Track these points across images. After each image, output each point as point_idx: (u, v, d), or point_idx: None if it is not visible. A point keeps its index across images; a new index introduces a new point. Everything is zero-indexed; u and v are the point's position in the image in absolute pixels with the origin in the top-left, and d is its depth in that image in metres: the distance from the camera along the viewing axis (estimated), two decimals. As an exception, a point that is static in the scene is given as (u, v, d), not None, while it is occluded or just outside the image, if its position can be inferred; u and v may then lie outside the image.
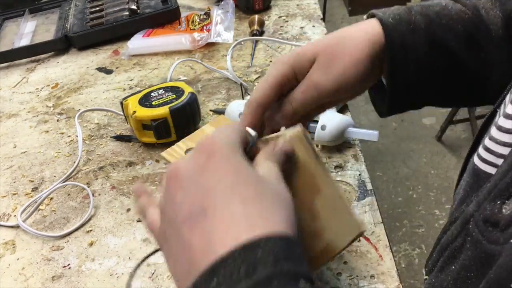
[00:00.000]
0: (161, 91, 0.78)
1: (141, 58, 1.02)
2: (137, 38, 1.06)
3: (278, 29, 1.05)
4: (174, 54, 1.02)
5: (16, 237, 0.66)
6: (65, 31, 1.10)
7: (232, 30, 1.05)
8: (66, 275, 0.59)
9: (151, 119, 0.73)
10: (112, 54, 1.06)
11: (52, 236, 0.65)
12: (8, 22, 1.23)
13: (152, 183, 0.71)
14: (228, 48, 0.97)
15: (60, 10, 1.21)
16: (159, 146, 0.76)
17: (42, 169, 0.77)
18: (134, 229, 0.64)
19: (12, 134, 0.86)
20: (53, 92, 0.96)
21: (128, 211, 0.67)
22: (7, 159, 0.80)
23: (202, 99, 0.86)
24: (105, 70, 1.01)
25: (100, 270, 0.59)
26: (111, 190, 0.71)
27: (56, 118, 0.89)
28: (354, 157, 0.69)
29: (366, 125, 2.26)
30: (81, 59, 1.06)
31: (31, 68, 1.06)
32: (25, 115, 0.91)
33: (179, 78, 0.93)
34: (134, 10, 1.10)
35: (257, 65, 0.94)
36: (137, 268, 0.46)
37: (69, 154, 0.79)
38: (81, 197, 0.71)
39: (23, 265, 0.62)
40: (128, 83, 0.95)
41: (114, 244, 0.62)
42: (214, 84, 0.90)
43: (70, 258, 0.62)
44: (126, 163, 0.75)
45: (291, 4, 1.14)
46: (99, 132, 0.83)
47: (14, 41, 1.12)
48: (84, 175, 0.74)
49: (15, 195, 0.73)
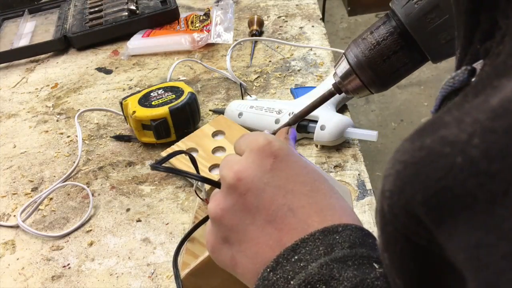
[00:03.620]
0: (161, 91, 0.78)
1: (141, 58, 1.02)
2: (136, 38, 1.06)
3: (278, 29, 1.05)
4: (174, 54, 1.02)
5: (16, 237, 0.66)
6: (64, 32, 1.10)
7: (231, 31, 1.05)
8: (66, 275, 0.59)
9: (151, 119, 0.73)
10: (112, 54, 1.06)
11: (52, 236, 0.65)
12: (8, 22, 1.23)
13: (151, 183, 0.71)
14: (227, 48, 0.97)
15: (59, 11, 1.21)
16: (159, 146, 0.76)
17: (41, 169, 0.77)
18: (133, 229, 0.64)
19: (11, 134, 0.86)
20: (53, 92, 0.96)
21: (127, 211, 0.67)
22: (7, 159, 0.80)
23: (201, 99, 0.86)
24: (104, 70, 1.01)
25: (99, 270, 0.59)
26: (110, 190, 0.71)
27: (56, 118, 0.89)
28: (354, 157, 0.69)
29: (365, 125, 2.26)
30: (80, 59, 1.06)
31: (30, 68, 1.06)
32: (25, 115, 0.91)
33: (179, 78, 0.93)
34: (133, 10, 1.10)
35: (257, 65, 0.94)
36: (182, 245, 0.46)
37: (68, 154, 0.79)
38: (80, 197, 0.71)
39: (23, 265, 0.62)
40: (128, 83, 0.95)
41: (114, 244, 0.62)
42: (213, 84, 0.91)
43: (69, 258, 0.62)
44: (125, 163, 0.75)
45: (291, 4, 1.14)
46: (98, 132, 0.83)
47: (13, 41, 1.12)
48: (83, 175, 0.74)
49: (15, 195, 0.73)
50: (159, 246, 0.61)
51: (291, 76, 0.89)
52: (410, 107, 2.32)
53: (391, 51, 0.40)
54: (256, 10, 1.14)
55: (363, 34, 0.42)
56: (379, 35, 0.40)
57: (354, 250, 0.30)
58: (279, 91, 0.85)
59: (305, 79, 0.87)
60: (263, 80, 0.89)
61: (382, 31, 0.40)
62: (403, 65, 0.41)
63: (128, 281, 0.57)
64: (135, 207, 0.67)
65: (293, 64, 0.92)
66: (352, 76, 0.42)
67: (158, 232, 0.63)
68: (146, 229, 0.64)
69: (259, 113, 0.74)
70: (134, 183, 0.71)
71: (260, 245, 0.33)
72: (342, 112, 0.76)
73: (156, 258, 0.60)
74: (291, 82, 0.87)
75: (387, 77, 0.42)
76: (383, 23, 0.40)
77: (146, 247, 0.61)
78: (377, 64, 0.40)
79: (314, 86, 0.83)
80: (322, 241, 0.31)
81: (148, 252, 0.61)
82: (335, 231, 0.31)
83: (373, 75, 0.41)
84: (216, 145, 0.71)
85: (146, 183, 0.71)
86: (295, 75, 0.89)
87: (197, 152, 0.70)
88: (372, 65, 0.41)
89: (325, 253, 0.30)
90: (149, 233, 0.63)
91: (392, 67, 0.41)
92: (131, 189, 0.70)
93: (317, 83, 0.85)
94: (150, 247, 0.61)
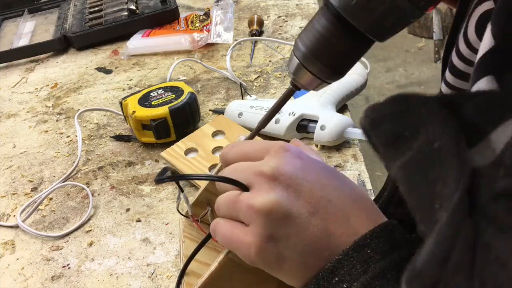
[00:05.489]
0: (161, 91, 0.78)
1: (141, 58, 1.02)
2: (136, 38, 1.06)
3: (278, 29, 1.05)
4: (174, 54, 1.02)
5: (16, 237, 0.66)
6: (64, 31, 1.10)
7: (231, 31, 1.05)
8: (66, 275, 0.59)
9: (151, 119, 0.73)
10: (112, 54, 1.06)
11: (52, 236, 0.65)
12: (7, 22, 1.23)
13: (151, 183, 0.71)
14: (227, 48, 0.97)
15: (59, 10, 1.21)
16: (159, 146, 0.76)
17: (41, 169, 0.77)
18: (133, 229, 0.64)
19: (11, 134, 0.86)
20: (53, 92, 0.96)
21: (127, 211, 0.67)
22: (7, 159, 0.80)
23: (201, 99, 0.86)
24: (104, 70, 1.01)
25: (99, 270, 0.59)
26: (110, 190, 0.71)
27: (56, 118, 0.89)
28: (354, 157, 0.69)
29: (365, 125, 2.25)
30: (80, 59, 1.06)
31: (30, 68, 1.06)
32: (25, 115, 0.91)
33: (179, 78, 0.93)
34: (133, 10, 1.10)
35: (257, 65, 0.94)
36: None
37: (68, 154, 0.79)
38: (80, 197, 0.71)
39: (23, 265, 0.61)
40: (128, 83, 0.95)
41: (114, 244, 0.62)
42: (213, 84, 0.90)
43: (69, 258, 0.61)
44: (125, 163, 0.75)
45: (291, 4, 1.14)
46: (98, 132, 0.83)
47: (13, 41, 1.12)
48: (83, 175, 0.74)
49: (15, 195, 0.73)
50: (159, 246, 0.61)
51: (291, 76, 0.88)
52: (410, 107, 2.32)
53: (334, 38, 0.39)
54: (256, 10, 1.14)
55: (306, 28, 0.41)
56: (319, 25, 0.39)
57: (388, 259, 0.33)
58: (279, 91, 0.85)
59: (305, 79, 0.87)
60: (263, 80, 0.89)
61: (322, 20, 0.39)
62: (350, 50, 0.40)
63: (128, 281, 0.57)
64: (135, 207, 0.67)
65: (293, 64, 0.92)
66: (302, 70, 0.42)
67: (158, 232, 0.63)
68: (146, 229, 0.64)
69: (259, 113, 0.74)
70: (134, 183, 0.71)
71: (309, 237, 0.35)
72: (342, 112, 0.76)
73: (156, 258, 0.60)
74: (291, 82, 0.87)
75: (338, 66, 0.41)
76: (321, 13, 0.40)
77: (146, 247, 0.61)
78: (322, 53, 0.40)
79: (314, 86, 0.83)
80: (357, 259, 0.33)
81: (148, 252, 0.61)
82: (365, 244, 0.33)
83: (323, 66, 0.41)
84: (216, 145, 0.71)
85: (146, 183, 0.71)
86: (295, 75, 0.89)
87: (197, 152, 0.70)
88: (318, 55, 0.40)
89: (363, 271, 0.32)
90: (149, 233, 0.63)
91: (340, 54, 0.40)
92: (131, 189, 0.70)
93: (317, 83, 0.85)
94: (150, 247, 0.61)
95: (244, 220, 0.36)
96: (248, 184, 0.37)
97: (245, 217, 0.36)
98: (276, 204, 0.35)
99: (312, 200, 0.35)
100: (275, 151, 0.37)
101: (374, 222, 0.35)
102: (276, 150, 0.37)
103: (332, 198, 0.36)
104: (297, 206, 0.35)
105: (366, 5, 0.35)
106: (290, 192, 0.35)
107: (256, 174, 0.36)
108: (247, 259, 0.36)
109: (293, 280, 0.36)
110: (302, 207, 0.35)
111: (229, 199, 0.38)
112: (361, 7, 0.36)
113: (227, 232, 0.37)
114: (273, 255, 0.35)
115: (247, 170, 0.37)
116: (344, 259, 0.33)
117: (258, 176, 0.36)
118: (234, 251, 0.37)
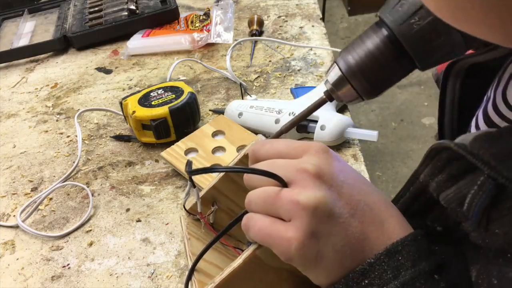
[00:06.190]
0: (161, 91, 0.78)
1: (141, 58, 1.02)
2: (136, 38, 1.06)
3: (278, 29, 1.05)
4: (174, 54, 1.02)
5: (16, 237, 0.66)
6: (64, 31, 1.10)
7: (231, 31, 1.05)
8: (66, 275, 0.59)
9: (151, 119, 0.73)
10: (112, 54, 1.06)
11: (52, 236, 0.65)
12: (7, 22, 1.22)
13: (151, 183, 0.71)
14: (227, 48, 0.97)
15: (59, 10, 1.21)
16: (159, 146, 0.76)
17: (41, 169, 0.77)
18: (133, 229, 0.64)
19: (11, 134, 0.86)
20: (53, 92, 0.96)
21: (127, 211, 0.67)
22: (7, 159, 0.80)
23: (201, 99, 0.86)
24: (104, 70, 1.01)
25: (99, 270, 0.59)
26: (110, 190, 0.71)
27: (56, 118, 0.89)
28: (354, 157, 0.69)
29: (365, 125, 2.26)
30: (80, 59, 1.06)
31: (30, 68, 1.06)
32: (25, 115, 0.91)
33: (179, 78, 0.93)
34: (133, 10, 1.10)
35: (257, 65, 0.94)
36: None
37: (68, 154, 0.79)
38: (80, 197, 0.71)
39: (23, 265, 0.61)
40: (128, 83, 0.95)
41: (114, 244, 0.62)
42: (213, 84, 0.90)
43: (69, 258, 0.62)
44: (125, 163, 0.75)
45: (290, 4, 1.14)
46: (98, 132, 0.83)
47: (13, 41, 1.12)
48: (83, 175, 0.74)
49: (15, 195, 0.73)
50: (159, 246, 0.61)
51: (291, 76, 0.89)
52: (410, 107, 2.32)
53: (383, 59, 0.40)
54: (256, 10, 1.14)
55: (354, 42, 0.42)
56: (371, 43, 0.40)
57: (418, 268, 0.34)
58: (279, 91, 0.85)
59: (305, 79, 0.87)
60: (263, 80, 0.89)
61: (374, 39, 0.40)
62: (394, 72, 0.41)
63: (128, 281, 0.57)
64: (135, 207, 0.67)
65: (293, 64, 0.92)
66: (345, 84, 0.42)
67: (158, 232, 0.63)
68: (146, 229, 0.64)
69: (259, 113, 0.74)
70: (134, 183, 0.71)
71: (347, 238, 0.35)
72: (342, 112, 0.76)
73: (156, 258, 0.60)
74: (291, 82, 0.87)
75: (379, 85, 0.42)
76: (373, 31, 0.41)
77: (146, 247, 0.61)
78: (369, 71, 0.41)
79: (314, 86, 0.83)
80: (388, 264, 0.34)
81: (148, 252, 0.61)
82: (397, 251, 0.35)
83: (365, 82, 0.41)
84: (216, 145, 0.71)
85: (146, 183, 0.71)
86: (295, 75, 0.89)
87: (197, 152, 0.70)
88: (365, 73, 0.41)
89: (393, 277, 0.34)
90: (149, 233, 0.63)
91: (384, 74, 0.41)
92: (131, 189, 0.70)
93: (317, 83, 0.85)
94: (150, 247, 0.61)
95: (286, 216, 0.36)
96: (288, 181, 0.37)
97: (287, 213, 0.36)
98: (322, 202, 0.35)
99: (352, 202, 0.36)
100: (316, 151, 0.38)
101: (405, 230, 0.36)
102: (317, 150, 0.38)
103: (369, 203, 0.37)
104: (339, 206, 0.36)
105: (426, 35, 0.37)
106: (333, 192, 0.36)
107: (299, 171, 0.36)
108: (285, 255, 0.35)
109: (323, 278, 0.36)
110: (343, 208, 0.36)
111: (267, 194, 0.37)
112: (420, 36, 0.38)
113: (265, 227, 0.36)
114: (313, 252, 0.35)
115: (287, 167, 0.37)
116: (376, 263, 0.34)
117: (302, 173, 0.36)
118: (271, 246, 0.36)
